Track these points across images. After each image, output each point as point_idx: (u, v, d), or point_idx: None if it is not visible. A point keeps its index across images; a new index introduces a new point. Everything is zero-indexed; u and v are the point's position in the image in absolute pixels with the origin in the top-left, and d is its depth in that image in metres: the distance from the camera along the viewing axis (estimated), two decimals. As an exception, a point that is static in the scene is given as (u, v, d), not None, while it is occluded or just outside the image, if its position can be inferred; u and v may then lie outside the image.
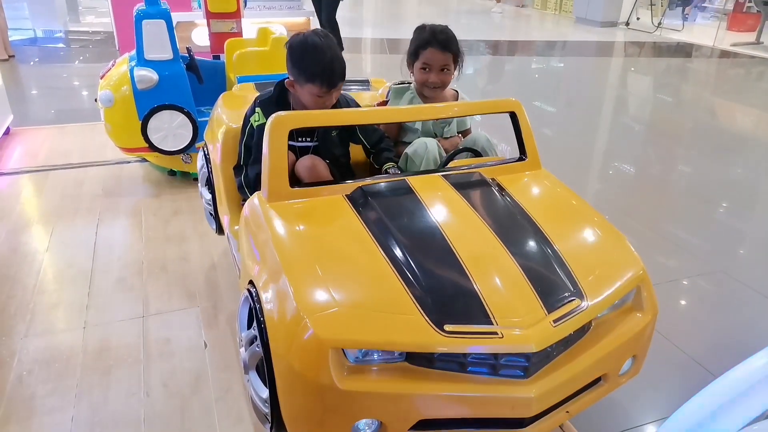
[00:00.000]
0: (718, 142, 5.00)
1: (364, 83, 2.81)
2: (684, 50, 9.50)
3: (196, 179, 3.35)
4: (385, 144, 2.11)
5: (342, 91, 2.07)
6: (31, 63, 6.68)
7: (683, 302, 2.62)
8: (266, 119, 1.70)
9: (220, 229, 2.41)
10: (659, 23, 10.83)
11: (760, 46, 9.42)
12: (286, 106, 2.00)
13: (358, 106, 2.15)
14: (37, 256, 2.64)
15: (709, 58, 8.97)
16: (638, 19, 11.37)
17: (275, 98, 2.01)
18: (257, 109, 1.99)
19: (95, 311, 2.26)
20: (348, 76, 2.02)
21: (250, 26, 3.95)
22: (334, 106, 1.99)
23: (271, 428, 1.45)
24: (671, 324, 2.36)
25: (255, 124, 1.98)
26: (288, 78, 1.97)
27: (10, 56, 6.57)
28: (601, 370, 1.47)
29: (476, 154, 2.06)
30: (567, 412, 1.43)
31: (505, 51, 9.17)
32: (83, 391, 1.87)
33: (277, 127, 1.66)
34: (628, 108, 6.24)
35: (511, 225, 1.59)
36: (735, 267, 2.87)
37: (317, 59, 1.85)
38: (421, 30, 2.13)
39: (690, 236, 3.19)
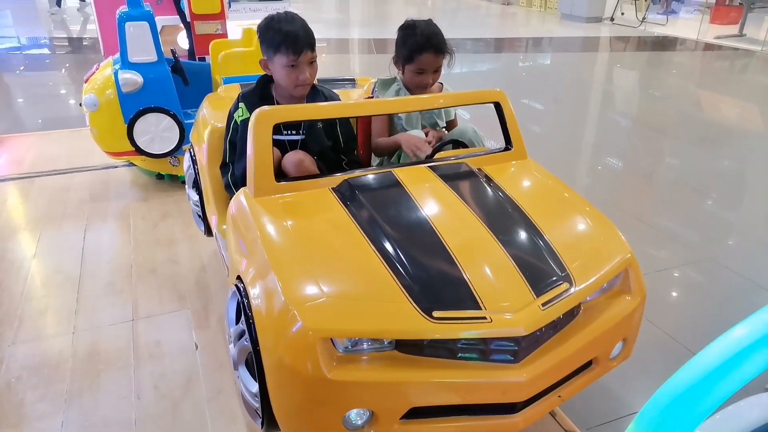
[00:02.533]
0: (704, 134, 5.04)
1: (350, 81, 2.81)
2: (668, 44, 9.58)
3: (184, 182, 3.32)
4: (355, 146, 2.16)
5: (326, 87, 2.08)
6: (16, 72, 6.62)
7: (673, 291, 2.63)
8: (250, 114, 1.68)
9: (208, 231, 2.39)
10: (643, 18, 10.91)
11: (743, 39, 9.51)
12: (269, 99, 2.00)
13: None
14: (24, 262, 2.61)
15: (693, 51, 9.04)
16: (623, 14, 11.45)
17: (258, 92, 2.01)
18: (240, 105, 1.98)
19: (84, 316, 2.24)
20: (334, 76, 2.01)
21: (235, 28, 3.94)
22: (317, 101, 1.99)
23: (262, 423, 1.44)
24: (662, 312, 2.37)
25: (239, 120, 1.97)
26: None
27: (-7, 64, 6.52)
28: (591, 353, 1.47)
29: (463, 146, 2.07)
30: (559, 396, 1.43)
31: (492, 48, 9.21)
32: (73, 396, 1.85)
33: (261, 121, 1.64)
34: (614, 102, 6.28)
35: (498, 212, 1.59)
36: (725, 255, 2.89)
37: (279, 28, 1.87)
38: (410, 31, 2.09)
39: (679, 226, 3.21)
